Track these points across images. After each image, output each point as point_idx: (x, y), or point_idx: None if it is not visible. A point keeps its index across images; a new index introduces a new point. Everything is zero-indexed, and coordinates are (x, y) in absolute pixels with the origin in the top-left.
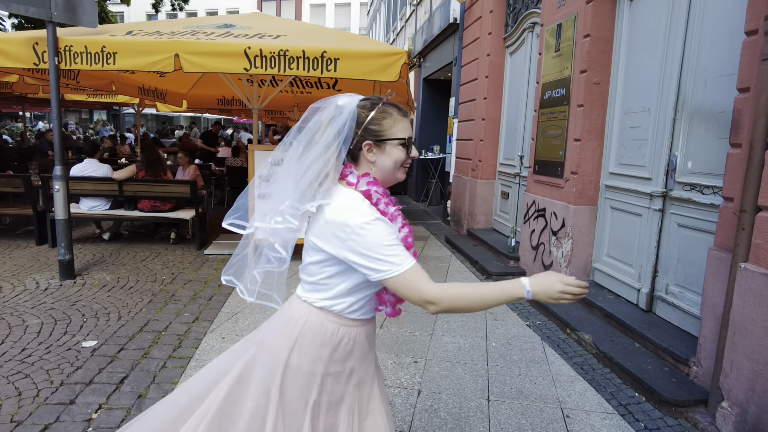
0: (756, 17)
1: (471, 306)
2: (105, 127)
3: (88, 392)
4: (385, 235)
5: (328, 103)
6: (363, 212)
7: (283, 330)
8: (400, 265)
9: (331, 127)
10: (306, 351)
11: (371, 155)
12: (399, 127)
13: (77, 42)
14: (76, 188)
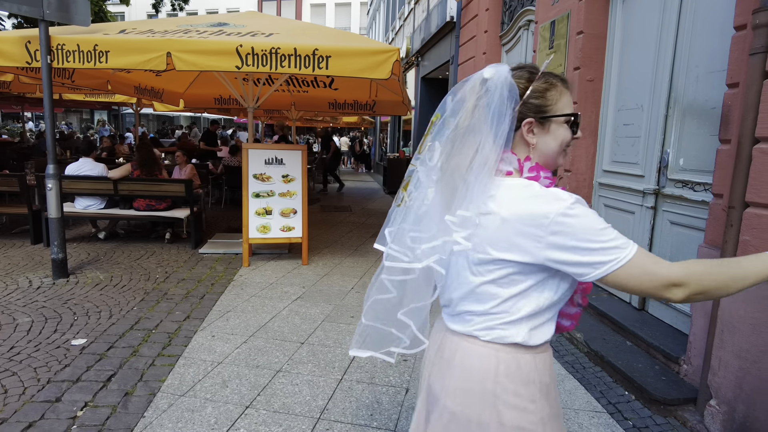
0: (744, 12)
1: (721, 287)
2: (104, 128)
3: (74, 390)
4: (596, 217)
5: (470, 79)
6: (559, 196)
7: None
8: (626, 248)
9: (479, 107)
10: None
11: (531, 136)
12: (565, 101)
13: (69, 41)
14: (71, 187)
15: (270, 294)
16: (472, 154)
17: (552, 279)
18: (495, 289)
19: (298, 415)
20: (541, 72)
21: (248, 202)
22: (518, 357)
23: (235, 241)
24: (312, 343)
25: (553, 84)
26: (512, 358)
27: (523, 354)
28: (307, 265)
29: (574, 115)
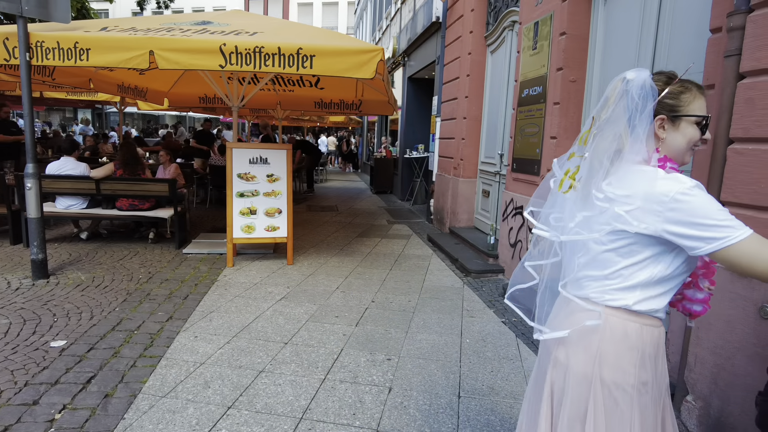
0: (720, 15)
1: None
2: (87, 126)
3: (53, 392)
4: (711, 199)
5: (614, 81)
6: (680, 179)
7: (581, 344)
8: (739, 230)
9: (621, 102)
10: (613, 363)
11: (662, 131)
12: (698, 104)
13: (49, 38)
14: (52, 187)
15: (254, 294)
16: (610, 141)
17: (667, 254)
18: (615, 258)
19: (281, 415)
20: (679, 78)
21: (232, 201)
22: (626, 323)
23: (219, 241)
24: (296, 344)
25: (688, 88)
26: (620, 322)
27: (630, 321)
28: (292, 265)
29: (704, 118)
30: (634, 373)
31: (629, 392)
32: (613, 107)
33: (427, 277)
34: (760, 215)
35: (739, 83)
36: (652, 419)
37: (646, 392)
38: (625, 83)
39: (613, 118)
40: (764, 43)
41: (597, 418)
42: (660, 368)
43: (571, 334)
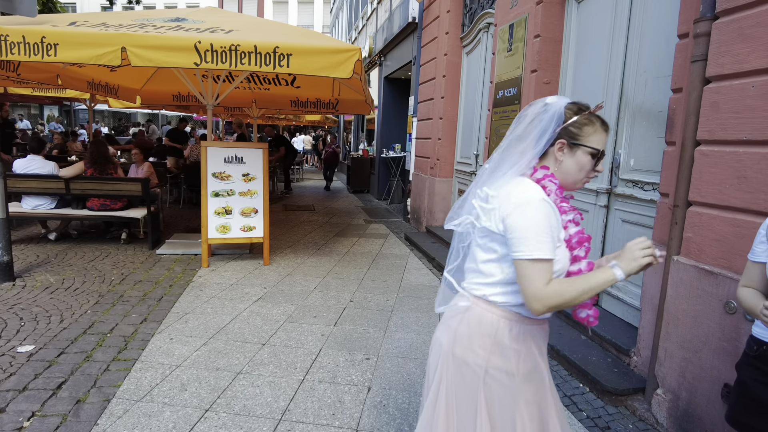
0: (687, 21)
1: (575, 300)
2: (58, 124)
3: (20, 399)
4: (547, 219)
5: (538, 102)
6: (531, 191)
7: (447, 323)
8: (533, 253)
9: (534, 122)
10: (463, 342)
11: (560, 154)
12: (596, 138)
13: (14, 31)
14: (17, 186)
15: (230, 295)
16: (516, 153)
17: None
18: (479, 252)
19: (260, 417)
20: (589, 111)
21: (207, 201)
22: (483, 312)
23: (193, 242)
24: (273, 344)
25: (593, 122)
26: (479, 310)
27: (488, 312)
28: (268, 266)
29: (598, 151)
30: (483, 356)
31: (477, 372)
32: (527, 125)
33: (405, 276)
34: (725, 214)
35: (705, 87)
36: (509, 409)
37: (501, 380)
38: (545, 107)
39: (524, 134)
40: (728, 49)
41: (448, 387)
42: (531, 364)
43: (445, 313)
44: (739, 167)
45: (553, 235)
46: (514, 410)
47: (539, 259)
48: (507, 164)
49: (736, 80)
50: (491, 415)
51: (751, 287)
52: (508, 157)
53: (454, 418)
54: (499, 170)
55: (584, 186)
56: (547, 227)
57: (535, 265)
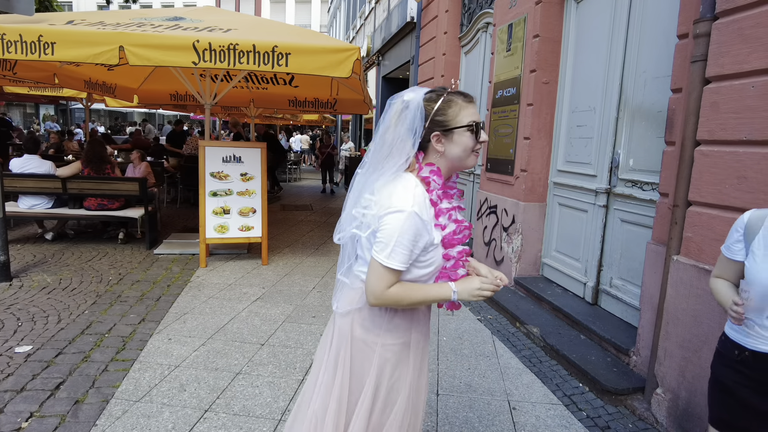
0: (686, 22)
1: (408, 305)
2: (53, 123)
3: (18, 400)
4: (411, 233)
5: (397, 98)
6: (407, 200)
7: (343, 308)
8: (392, 259)
9: (400, 123)
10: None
11: (440, 146)
12: (465, 114)
13: (11, 30)
14: (14, 185)
15: (228, 295)
16: (387, 152)
17: None
18: (367, 245)
19: (259, 417)
20: (446, 92)
21: (205, 201)
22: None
23: (191, 242)
24: (272, 345)
25: (454, 101)
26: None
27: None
28: (267, 266)
29: (473, 124)
30: (380, 334)
31: (372, 348)
32: (394, 127)
33: None
34: (725, 214)
35: (705, 88)
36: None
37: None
38: (405, 104)
39: (394, 134)
40: (728, 49)
41: (345, 363)
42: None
43: (339, 306)
44: (739, 167)
45: (411, 249)
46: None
47: (389, 267)
48: (381, 168)
49: (736, 80)
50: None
51: (725, 279)
52: (380, 161)
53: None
54: (377, 171)
55: (475, 164)
56: (408, 241)
57: (384, 270)
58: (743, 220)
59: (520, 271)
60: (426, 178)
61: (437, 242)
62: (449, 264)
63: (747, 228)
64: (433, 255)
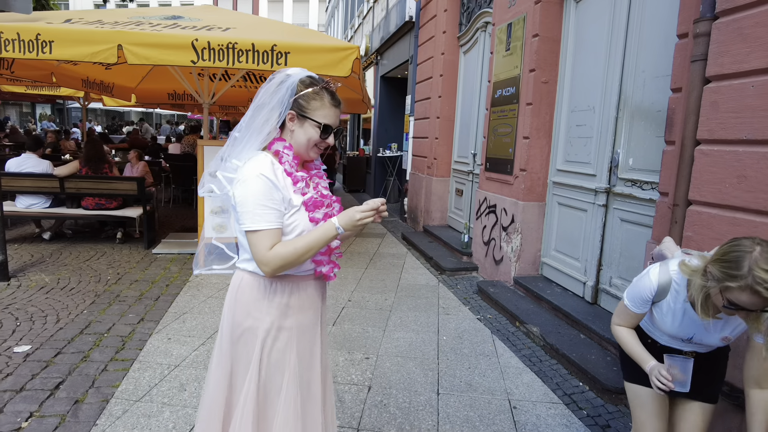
0: (686, 21)
1: (298, 257)
2: (50, 122)
3: (18, 400)
4: (263, 192)
5: (282, 72)
6: (253, 167)
7: (228, 297)
8: (258, 223)
9: (275, 92)
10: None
11: (292, 124)
12: (324, 113)
13: (8, 28)
14: (11, 185)
15: None
16: (261, 122)
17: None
18: (236, 225)
19: None
20: (321, 85)
21: (203, 200)
22: (256, 280)
23: (189, 241)
24: None
25: (321, 96)
26: (251, 280)
27: (260, 279)
28: None
29: (321, 125)
30: (259, 317)
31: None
32: (270, 94)
33: (403, 276)
34: (725, 213)
35: (705, 87)
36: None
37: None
38: (285, 77)
39: (267, 102)
40: (728, 49)
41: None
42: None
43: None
44: (739, 166)
45: (273, 206)
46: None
47: (258, 230)
48: (251, 134)
49: (736, 80)
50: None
51: (627, 327)
52: (252, 127)
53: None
54: (244, 140)
55: (318, 156)
56: (265, 199)
57: (256, 235)
58: (653, 287)
59: (520, 270)
60: (278, 152)
61: (297, 204)
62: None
63: (656, 295)
64: (296, 218)
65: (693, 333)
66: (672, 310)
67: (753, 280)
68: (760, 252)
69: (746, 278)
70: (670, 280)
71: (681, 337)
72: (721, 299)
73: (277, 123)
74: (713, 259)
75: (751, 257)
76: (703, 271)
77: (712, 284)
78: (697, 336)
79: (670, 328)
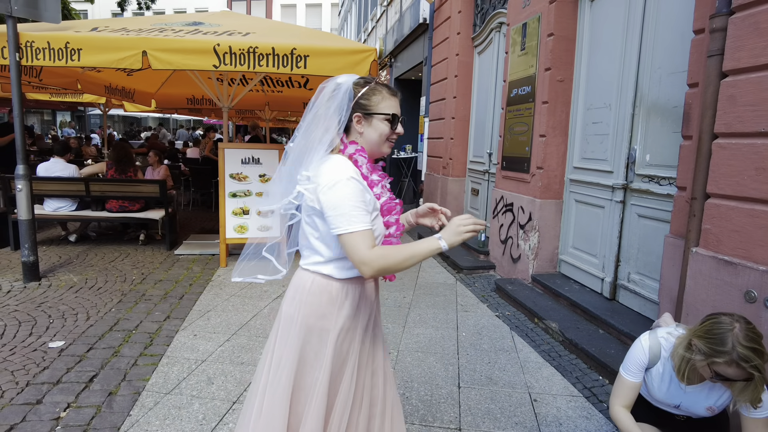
0: (702, 17)
1: (399, 265)
2: (70, 129)
3: (55, 392)
4: (356, 194)
5: (330, 81)
6: (340, 171)
7: (293, 297)
8: (353, 225)
9: (331, 101)
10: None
11: (360, 126)
12: (386, 104)
13: (39, 38)
14: (40, 189)
15: (249, 293)
16: (321, 132)
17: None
18: (309, 230)
19: None
20: (375, 81)
21: (225, 201)
22: (329, 282)
23: (210, 242)
24: None
25: (379, 91)
26: (324, 282)
27: (333, 282)
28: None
29: (391, 115)
30: (333, 321)
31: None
32: (324, 105)
33: (420, 274)
34: (743, 205)
35: (722, 81)
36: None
37: (346, 338)
38: (337, 86)
39: (323, 113)
40: (744, 43)
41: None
42: (365, 321)
43: (290, 290)
44: (756, 159)
45: (366, 208)
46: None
47: (355, 231)
48: (317, 143)
49: (753, 74)
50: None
51: (627, 405)
52: (312, 137)
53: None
54: (311, 151)
55: (390, 150)
56: (359, 201)
57: (353, 236)
58: (645, 352)
59: (538, 268)
60: (352, 155)
61: (378, 208)
62: (392, 230)
63: (649, 360)
64: (377, 223)
65: (680, 401)
66: (661, 375)
67: (737, 356)
68: (739, 329)
69: (731, 354)
70: (660, 346)
71: (670, 404)
72: (709, 371)
73: (338, 129)
74: (697, 333)
75: (733, 335)
76: (687, 344)
77: (698, 357)
78: (684, 404)
79: (658, 393)
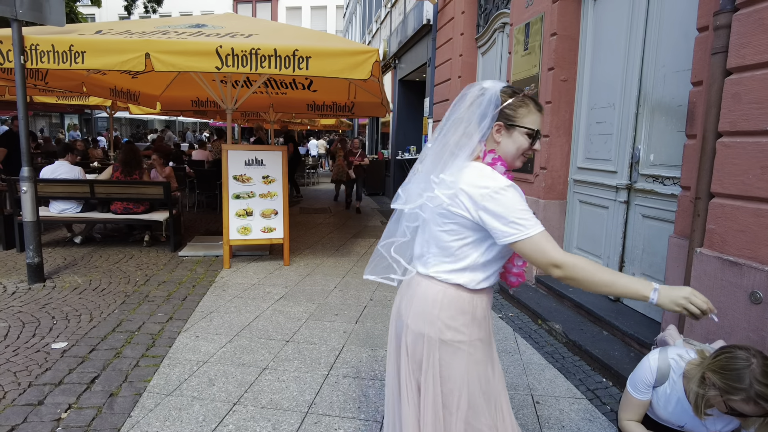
0: (706, 14)
1: (593, 284)
2: (75, 132)
3: (57, 393)
4: (519, 200)
5: (475, 85)
6: (497, 178)
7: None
8: (531, 228)
9: (474, 106)
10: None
11: (498, 136)
12: (531, 119)
13: (44, 41)
14: (46, 191)
15: (252, 294)
16: (459, 136)
17: (486, 240)
18: (446, 237)
19: (287, 410)
20: (523, 93)
21: (228, 203)
22: (460, 294)
23: (214, 244)
24: (297, 341)
25: (527, 104)
26: (455, 294)
27: (463, 293)
28: (288, 266)
29: (534, 131)
30: (466, 331)
31: (462, 348)
32: (467, 108)
33: None
34: (748, 205)
35: (726, 79)
36: (483, 370)
37: (479, 345)
38: (482, 91)
39: (466, 117)
40: (749, 40)
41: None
42: (485, 325)
43: (416, 303)
44: (762, 157)
45: (531, 211)
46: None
47: (534, 234)
48: (455, 148)
49: (758, 71)
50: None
51: (635, 420)
52: (453, 141)
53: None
54: (449, 155)
55: (520, 166)
56: (524, 205)
57: (533, 240)
58: (653, 371)
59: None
60: (491, 164)
61: None
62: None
63: (656, 380)
64: None
65: (685, 422)
66: (667, 396)
67: (755, 394)
68: (757, 365)
69: (748, 391)
70: (669, 367)
71: (674, 423)
72: (724, 407)
73: (481, 135)
74: (711, 367)
75: (750, 371)
76: (701, 379)
77: (713, 392)
78: (688, 425)
79: (663, 413)
